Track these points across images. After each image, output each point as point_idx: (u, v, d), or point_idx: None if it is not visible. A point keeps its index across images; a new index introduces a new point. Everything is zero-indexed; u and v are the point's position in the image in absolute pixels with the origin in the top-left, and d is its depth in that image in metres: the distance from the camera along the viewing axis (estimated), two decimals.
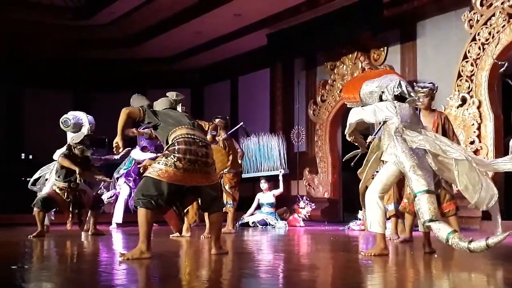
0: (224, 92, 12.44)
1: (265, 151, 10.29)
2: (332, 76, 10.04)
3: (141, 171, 5.53)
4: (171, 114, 4.08)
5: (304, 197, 9.23)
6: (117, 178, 8.35)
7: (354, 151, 4.56)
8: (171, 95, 4.34)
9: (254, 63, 11.52)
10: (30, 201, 6.40)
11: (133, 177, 8.35)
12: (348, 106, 10.39)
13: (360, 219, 7.70)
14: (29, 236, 6.05)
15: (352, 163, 4.59)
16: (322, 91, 10.19)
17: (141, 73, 12.74)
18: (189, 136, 3.87)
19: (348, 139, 4.45)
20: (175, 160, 3.75)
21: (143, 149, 8.28)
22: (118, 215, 8.17)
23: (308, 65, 10.66)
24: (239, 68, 11.96)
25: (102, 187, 8.46)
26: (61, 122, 6.79)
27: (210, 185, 3.96)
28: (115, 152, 4.08)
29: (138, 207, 3.77)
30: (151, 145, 8.31)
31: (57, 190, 6.36)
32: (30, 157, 11.53)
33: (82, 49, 11.54)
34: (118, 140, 3.95)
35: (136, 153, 8.24)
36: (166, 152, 3.83)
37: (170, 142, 3.88)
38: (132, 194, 8.24)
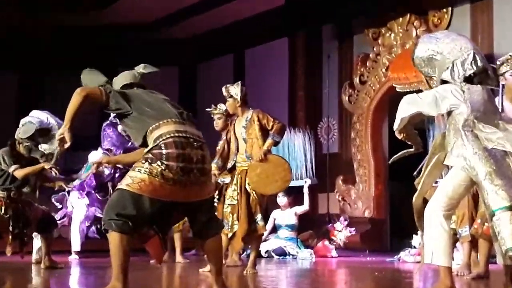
0: (225, 71, 12.47)
1: (283, 153, 10.31)
2: (375, 49, 10.04)
3: (93, 171, 5.52)
4: (147, 100, 4.01)
5: (342, 217, 9.26)
6: (68, 192, 8.39)
7: (405, 151, 4.57)
8: (137, 68, 4.29)
9: (267, 31, 11.54)
10: None
11: (87, 190, 8.38)
12: (398, 89, 10.37)
13: (415, 247, 7.70)
14: None
15: (415, 172, 4.59)
16: (362, 69, 10.19)
17: (110, 46, 12.77)
18: (180, 135, 3.85)
19: (398, 136, 4.47)
20: (163, 168, 3.75)
21: (107, 152, 8.32)
22: (75, 241, 8.24)
23: (342, 34, 10.66)
24: (246, 38, 11.99)
25: (54, 201, 8.53)
26: (22, 128, 6.83)
27: (206, 200, 3.97)
28: (60, 148, 3.90)
29: (109, 230, 3.75)
30: (120, 147, 8.34)
31: None
32: None
33: (28, 14, 11.63)
34: (64, 130, 3.86)
35: (95, 157, 8.26)
36: (150, 155, 3.81)
37: (152, 143, 3.85)
38: (87, 214, 8.30)
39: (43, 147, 6.64)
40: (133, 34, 12.43)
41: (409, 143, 4.56)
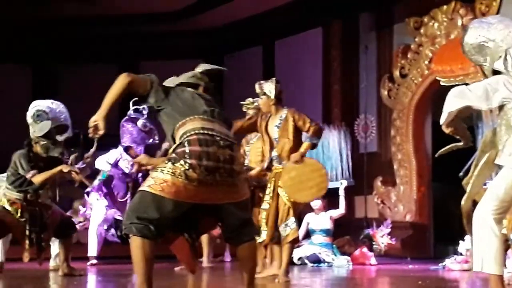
0: (254, 63, 12.50)
1: (317, 152, 10.30)
2: (417, 39, 10.00)
3: (135, 171, 5.51)
4: (184, 96, 4.06)
5: (387, 222, 9.22)
6: (87, 193, 8.44)
7: (453, 144, 4.55)
8: (200, 67, 4.34)
9: (299, 21, 11.54)
10: None
11: (105, 192, 8.42)
12: (442, 83, 10.33)
13: (461, 254, 7.66)
14: None
15: (462, 173, 4.56)
16: (402, 62, 10.16)
17: (132, 37, 12.90)
18: (206, 132, 3.86)
19: (446, 130, 4.44)
20: (187, 168, 3.75)
21: (127, 150, 8.32)
22: (92, 246, 8.30)
23: (381, 23, 10.64)
24: (277, 28, 12.01)
25: (79, 205, 8.59)
26: (33, 114, 6.90)
27: (237, 202, 3.96)
28: (91, 135, 3.92)
29: (130, 235, 3.76)
30: (141, 144, 8.37)
31: (7, 206, 6.44)
32: None
33: (41, 5, 11.76)
34: (99, 117, 3.88)
35: (103, 162, 8.31)
36: (173, 155, 3.82)
37: (177, 140, 3.88)
38: (105, 217, 8.35)
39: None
40: (157, 25, 12.52)
41: (457, 137, 4.52)
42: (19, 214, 6.39)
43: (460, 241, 7.69)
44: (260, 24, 12.09)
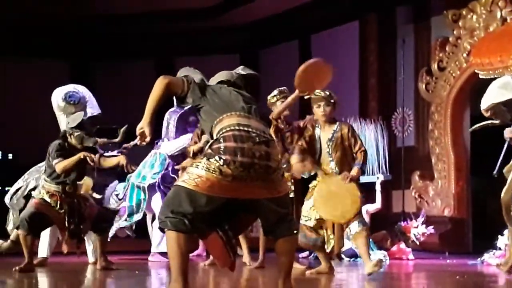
0: (290, 58, 12.50)
1: None
2: (455, 32, 9.93)
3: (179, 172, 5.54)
4: (221, 93, 4.11)
5: (422, 214, 9.18)
6: (143, 188, 8.46)
7: (489, 121, 4.55)
8: (237, 69, 4.41)
9: (335, 14, 11.53)
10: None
11: (171, 184, 8.43)
12: (481, 76, 10.27)
13: (500, 249, 7.61)
14: (13, 269, 6.32)
15: (495, 172, 4.58)
16: (440, 55, 10.09)
17: (165, 34, 12.99)
18: (241, 128, 3.91)
19: (485, 114, 4.45)
20: (221, 163, 3.80)
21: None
22: (156, 239, 8.34)
23: (418, 16, 10.58)
24: (313, 22, 12.00)
25: (111, 195, 8.67)
26: (64, 97, 6.97)
27: (275, 198, 3.98)
28: (139, 143, 4.10)
29: (165, 229, 3.82)
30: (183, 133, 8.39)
31: (46, 198, 6.51)
32: (10, 156, 11.98)
33: (79, 3, 11.90)
34: (144, 124, 4.01)
35: (167, 146, 8.32)
36: (209, 151, 3.88)
37: (214, 136, 3.94)
38: None
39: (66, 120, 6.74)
40: (192, 21, 12.59)
41: (497, 122, 4.54)
42: (58, 206, 6.47)
43: (499, 236, 7.64)
44: (296, 18, 12.09)
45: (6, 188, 11.22)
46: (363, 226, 6.07)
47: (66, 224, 6.49)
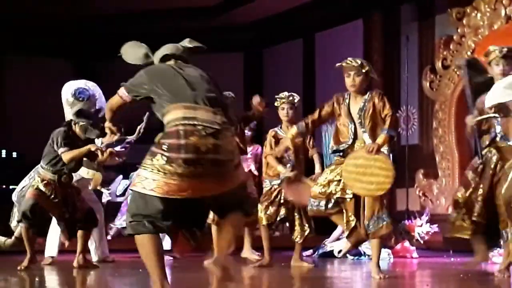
0: (294, 57, 12.52)
1: None
2: (459, 30, 9.92)
3: None
4: (166, 80, 3.86)
5: (426, 212, 9.16)
6: (116, 190, 8.47)
7: (493, 115, 4.56)
8: (183, 41, 4.20)
9: (340, 13, 11.52)
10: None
11: None
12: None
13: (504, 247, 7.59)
14: (18, 268, 6.33)
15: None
16: (445, 53, 10.09)
17: (167, 33, 12.91)
18: (186, 122, 3.70)
19: (489, 111, 4.44)
20: (165, 162, 3.64)
21: None
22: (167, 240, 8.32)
23: (422, 14, 10.58)
24: (317, 21, 12.00)
25: (113, 189, 8.64)
26: (74, 92, 6.97)
27: (232, 190, 3.81)
28: (109, 138, 4.10)
29: (128, 233, 3.80)
30: None
31: (41, 187, 6.43)
32: (14, 155, 11.99)
33: (82, 2, 11.92)
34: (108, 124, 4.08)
35: None
36: (153, 149, 3.72)
37: (164, 129, 3.78)
38: None
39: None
40: (195, 20, 12.59)
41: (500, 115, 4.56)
42: (53, 196, 6.42)
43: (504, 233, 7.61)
44: (299, 17, 12.09)
45: (11, 187, 11.29)
46: (387, 220, 5.57)
47: (60, 214, 6.47)
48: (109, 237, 8.54)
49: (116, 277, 6.10)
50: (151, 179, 3.65)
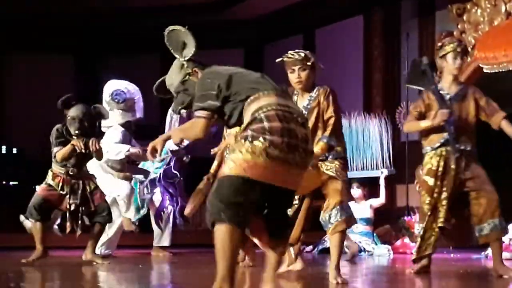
0: None
1: (357, 141, 10.30)
2: (459, 26, 9.91)
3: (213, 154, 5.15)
4: (246, 77, 3.72)
5: None
6: (147, 185, 8.47)
7: None
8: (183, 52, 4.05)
9: (340, 9, 11.52)
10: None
11: (173, 179, 8.43)
12: (485, 70, 10.23)
13: (504, 243, 7.59)
14: (24, 261, 6.35)
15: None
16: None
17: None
18: (283, 108, 3.56)
19: None
20: (268, 145, 3.43)
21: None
22: (166, 236, 8.35)
23: (423, 10, 10.58)
24: (317, 17, 11.99)
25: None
26: (111, 93, 6.97)
27: (292, 191, 3.67)
28: (149, 158, 3.80)
29: (217, 223, 3.44)
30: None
31: (50, 181, 6.54)
32: (14, 151, 12.00)
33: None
34: (157, 142, 3.77)
35: (170, 141, 8.25)
36: (249, 132, 3.49)
37: (249, 117, 3.56)
38: (176, 206, 8.37)
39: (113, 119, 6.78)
40: (197, 16, 12.57)
41: None
42: (60, 188, 6.50)
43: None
44: (300, 13, 12.08)
45: (11, 183, 11.32)
46: (345, 215, 4.98)
47: (67, 206, 6.51)
48: None
49: (117, 272, 6.10)
50: (253, 162, 3.42)
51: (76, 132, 6.43)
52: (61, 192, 6.50)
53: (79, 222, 6.57)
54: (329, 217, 4.96)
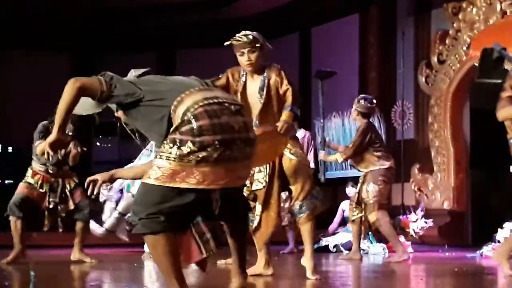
0: (290, 51, 12.48)
1: (351, 139, 10.24)
2: (455, 25, 9.91)
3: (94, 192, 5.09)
4: (158, 79, 3.56)
5: (421, 207, 9.17)
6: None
7: None
8: (130, 73, 3.78)
9: (336, 7, 11.51)
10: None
11: None
12: None
13: (499, 241, 7.59)
14: (4, 261, 6.30)
15: None
16: (440, 48, 10.07)
17: (166, 27, 12.96)
18: (210, 102, 3.36)
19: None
20: (197, 148, 3.24)
21: None
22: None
23: (418, 9, 10.58)
24: (313, 15, 11.98)
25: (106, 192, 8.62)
26: None
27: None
28: (51, 158, 3.58)
29: (140, 232, 3.33)
30: None
31: (30, 179, 6.51)
32: (10, 149, 11.97)
33: None
34: (56, 136, 3.54)
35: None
36: (177, 136, 3.28)
37: (177, 121, 3.33)
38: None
39: None
40: (193, 14, 12.58)
41: None
42: (39, 186, 6.48)
43: (499, 229, 7.62)
44: (296, 11, 12.07)
45: (6, 181, 11.28)
46: (311, 207, 4.95)
47: (46, 204, 6.49)
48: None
49: (111, 270, 6.09)
50: (180, 170, 3.24)
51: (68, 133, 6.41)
52: (40, 190, 6.48)
53: (59, 220, 6.54)
54: (300, 207, 4.98)
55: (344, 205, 8.89)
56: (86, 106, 3.59)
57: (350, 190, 8.77)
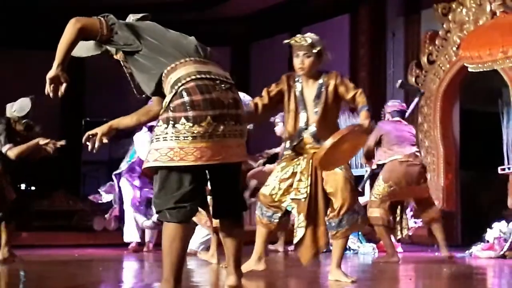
0: (281, 51, 12.45)
1: None
2: (445, 25, 9.93)
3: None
4: (161, 32, 3.56)
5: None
6: (116, 175, 8.37)
7: None
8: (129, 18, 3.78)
9: (326, 7, 11.51)
10: None
11: (139, 173, 8.25)
12: (470, 69, 10.26)
13: (488, 241, 7.61)
14: None
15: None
16: (430, 48, 10.10)
17: (162, 24, 12.93)
18: (203, 76, 3.35)
19: None
20: (191, 124, 3.25)
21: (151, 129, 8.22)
22: (129, 231, 8.27)
23: (408, 9, 10.59)
24: (303, 15, 11.97)
25: (101, 190, 8.61)
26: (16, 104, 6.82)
27: (238, 165, 3.51)
28: (51, 94, 3.45)
29: (165, 221, 3.32)
30: None
31: None
32: None
33: None
34: (56, 72, 3.45)
35: (141, 140, 8.08)
36: (170, 114, 3.28)
37: (169, 91, 3.34)
38: (138, 198, 8.28)
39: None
40: (184, 13, 12.55)
41: None
42: None
43: (488, 229, 7.64)
44: (286, 11, 12.07)
45: None
46: (351, 222, 4.74)
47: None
48: None
49: (102, 270, 6.07)
50: (179, 148, 3.24)
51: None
52: None
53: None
54: (340, 221, 4.72)
55: None
56: (85, 48, 3.67)
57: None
